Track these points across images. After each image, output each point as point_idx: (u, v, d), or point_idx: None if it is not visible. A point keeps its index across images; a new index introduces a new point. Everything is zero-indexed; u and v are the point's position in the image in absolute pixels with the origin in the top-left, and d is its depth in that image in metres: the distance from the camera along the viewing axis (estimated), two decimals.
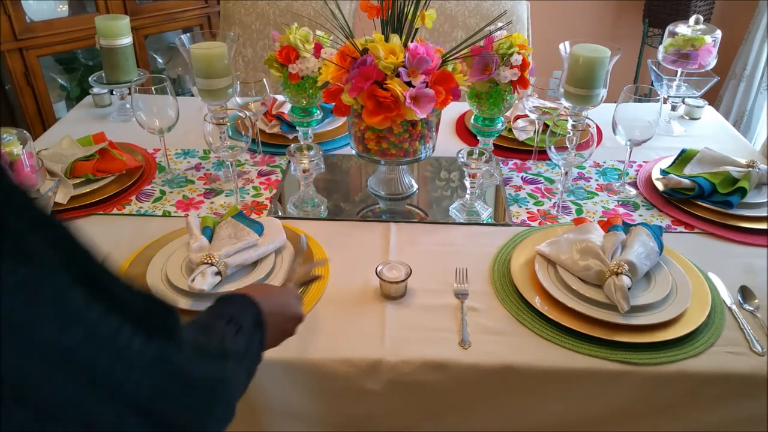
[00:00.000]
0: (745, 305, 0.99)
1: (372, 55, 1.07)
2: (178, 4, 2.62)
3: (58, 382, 0.32)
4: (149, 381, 0.39)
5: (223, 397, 0.49)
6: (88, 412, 0.34)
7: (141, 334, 0.39)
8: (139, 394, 0.38)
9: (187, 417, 0.43)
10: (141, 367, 0.38)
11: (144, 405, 0.39)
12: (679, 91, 1.63)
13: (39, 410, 0.32)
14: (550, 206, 1.27)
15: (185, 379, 0.43)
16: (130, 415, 0.37)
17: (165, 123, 1.28)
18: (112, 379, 0.36)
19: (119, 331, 0.37)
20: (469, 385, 0.89)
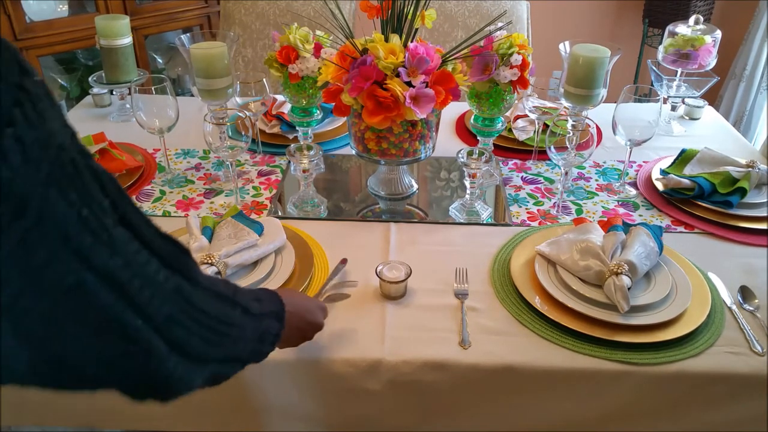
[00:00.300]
0: (745, 305, 0.99)
1: (372, 55, 1.07)
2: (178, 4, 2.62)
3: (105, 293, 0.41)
4: (167, 308, 0.47)
5: (226, 337, 0.55)
6: (120, 319, 0.43)
7: (165, 270, 0.48)
8: (159, 316, 0.46)
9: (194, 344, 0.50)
10: (163, 294, 0.47)
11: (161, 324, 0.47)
12: (679, 91, 1.63)
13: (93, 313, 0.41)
14: (550, 206, 1.27)
15: (196, 310, 0.51)
16: (150, 329, 0.45)
17: (165, 123, 1.28)
18: (140, 299, 0.44)
19: (149, 263, 0.46)
20: (469, 385, 0.89)
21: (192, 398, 0.92)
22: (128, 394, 0.49)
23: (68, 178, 0.38)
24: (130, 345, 0.44)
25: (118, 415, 0.96)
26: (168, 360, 0.47)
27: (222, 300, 0.56)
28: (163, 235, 0.50)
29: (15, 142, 0.34)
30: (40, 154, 0.36)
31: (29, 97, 0.36)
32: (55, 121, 0.38)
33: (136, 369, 0.46)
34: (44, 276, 0.37)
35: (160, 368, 0.47)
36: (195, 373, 0.52)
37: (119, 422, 0.98)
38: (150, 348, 0.45)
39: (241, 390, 0.90)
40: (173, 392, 0.50)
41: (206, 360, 0.53)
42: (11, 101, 0.35)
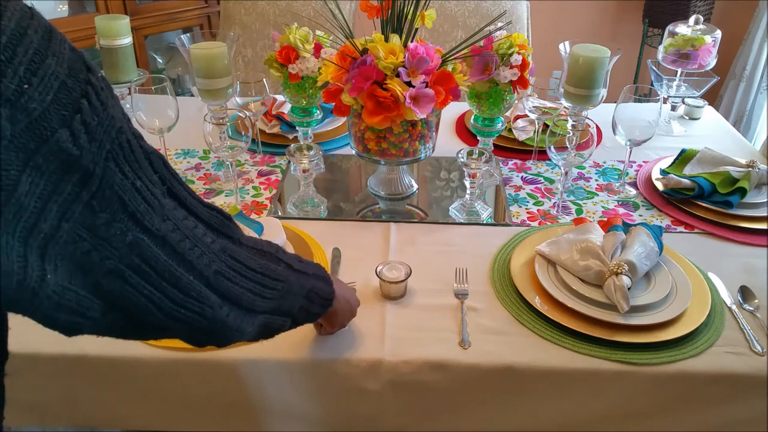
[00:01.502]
0: (745, 305, 0.99)
1: (372, 55, 1.07)
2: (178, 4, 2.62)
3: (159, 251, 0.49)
4: (215, 265, 0.54)
5: (275, 291, 0.63)
6: (175, 273, 0.50)
7: (211, 233, 0.55)
8: (208, 271, 0.53)
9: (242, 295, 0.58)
10: (211, 253, 0.54)
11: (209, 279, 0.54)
12: (679, 91, 1.63)
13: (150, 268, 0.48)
14: (550, 206, 1.27)
15: (242, 266, 0.58)
16: (202, 284, 0.53)
17: (165, 123, 1.28)
18: (190, 257, 0.51)
19: (196, 227, 0.53)
20: (469, 385, 0.89)
21: (192, 398, 0.93)
22: (188, 340, 0.56)
23: (124, 154, 0.45)
24: (186, 295, 0.51)
25: (118, 415, 0.96)
26: (221, 308, 0.55)
27: (265, 256, 0.64)
28: (207, 204, 0.57)
29: (82, 125, 0.41)
30: (103, 135, 0.43)
31: (93, 89, 0.43)
32: (115, 108, 0.45)
33: (193, 316, 0.53)
34: (108, 234, 0.44)
35: (215, 316, 0.54)
36: (246, 321, 0.59)
37: (119, 422, 0.98)
38: (201, 297, 0.53)
39: (241, 390, 0.90)
40: (227, 338, 0.58)
41: (255, 310, 0.60)
42: (79, 93, 0.42)
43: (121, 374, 0.90)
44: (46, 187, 0.40)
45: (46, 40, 0.41)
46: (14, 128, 0.38)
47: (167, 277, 0.50)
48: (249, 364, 0.88)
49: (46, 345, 0.88)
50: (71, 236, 0.42)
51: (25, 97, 0.38)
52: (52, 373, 0.90)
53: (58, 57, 0.41)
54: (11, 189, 0.38)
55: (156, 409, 0.95)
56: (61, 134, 0.40)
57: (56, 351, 0.88)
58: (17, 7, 0.40)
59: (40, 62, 0.40)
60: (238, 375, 0.89)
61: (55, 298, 0.43)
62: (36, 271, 0.41)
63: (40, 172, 0.39)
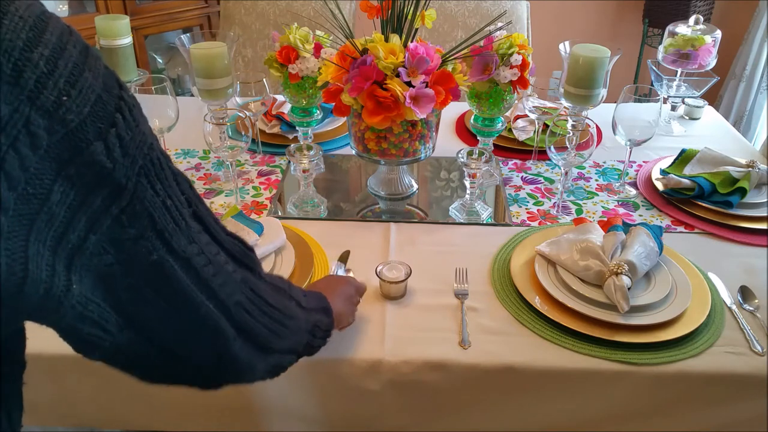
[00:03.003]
0: (745, 305, 0.99)
1: (372, 55, 1.07)
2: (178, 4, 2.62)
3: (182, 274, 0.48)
4: (237, 295, 0.53)
5: (286, 325, 0.62)
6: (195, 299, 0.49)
7: (233, 262, 0.54)
8: (229, 301, 0.52)
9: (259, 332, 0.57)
10: (233, 282, 0.53)
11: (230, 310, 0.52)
12: (679, 91, 1.63)
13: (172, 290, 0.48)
14: (550, 206, 1.27)
15: (260, 300, 0.57)
16: (222, 314, 0.51)
17: (165, 123, 1.28)
18: (213, 284, 0.50)
19: (219, 254, 0.52)
20: (469, 385, 0.89)
21: (192, 398, 0.93)
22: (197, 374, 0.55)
23: (155, 171, 0.46)
24: (202, 324, 0.50)
25: (118, 415, 0.96)
26: (234, 342, 0.54)
27: (280, 293, 0.64)
28: (229, 233, 0.56)
29: (116, 139, 0.42)
30: (135, 151, 0.43)
31: (126, 105, 0.43)
32: (145, 125, 0.46)
33: (206, 347, 0.52)
34: (134, 250, 0.44)
35: (227, 349, 0.53)
36: (259, 360, 0.58)
37: (119, 422, 0.98)
38: (218, 328, 0.52)
39: (241, 390, 0.90)
40: (239, 375, 0.57)
41: (270, 349, 0.59)
42: (114, 108, 0.42)
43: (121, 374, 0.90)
44: (77, 197, 0.40)
45: (84, 56, 0.42)
46: (51, 138, 0.38)
47: (186, 302, 0.49)
48: None
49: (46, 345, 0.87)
50: (97, 248, 0.43)
51: (63, 108, 0.39)
52: (52, 373, 0.90)
53: (94, 72, 0.42)
54: (44, 198, 0.39)
55: (156, 410, 0.95)
56: (96, 146, 0.41)
57: (56, 351, 0.88)
58: (58, 23, 0.41)
59: (79, 75, 0.40)
60: None
61: (79, 308, 0.43)
62: (62, 280, 0.41)
63: (72, 182, 0.40)
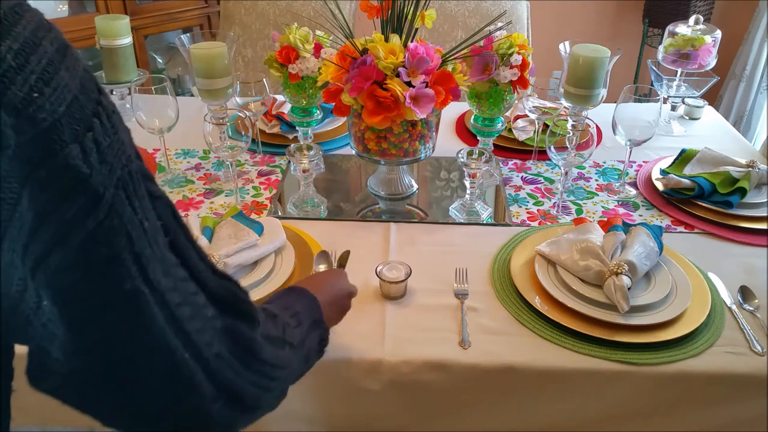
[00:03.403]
0: (745, 305, 0.99)
1: (372, 55, 1.07)
2: (178, 4, 2.62)
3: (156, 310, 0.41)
4: (219, 345, 0.46)
5: (279, 380, 0.55)
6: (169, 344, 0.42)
7: (214, 307, 0.47)
8: (207, 352, 0.45)
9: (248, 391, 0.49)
10: (213, 330, 0.46)
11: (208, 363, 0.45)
12: (679, 91, 1.63)
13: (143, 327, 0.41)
14: (550, 206, 1.27)
15: (251, 355, 0.50)
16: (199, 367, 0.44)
17: (165, 123, 1.28)
18: (189, 328, 0.43)
19: (197, 294, 0.46)
20: (469, 385, 0.89)
21: None
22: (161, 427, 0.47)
23: (134, 186, 0.41)
24: (175, 374, 0.43)
25: None
26: (213, 403, 0.46)
27: (275, 343, 0.56)
28: (219, 272, 0.49)
29: (93, 144, 0.38)
30: (113, 159, 0.40)
31: (105, 111, 0.40)
32: (125, 135, 0.42)
33: (176, 401, 0.45)
34: (106, 273, 0.40)
35: (201, 408, 0.46)
36: (241, 420, 0.51)
37: None
38: (193, 384, 0.44)
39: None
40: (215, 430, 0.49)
41: (259, 407, 0.53)
42: (91, 111, 0.39)
43: None
44: (48, 205, 0.37)
45: (62, 55, 0.39)
46: (19, 138, 0.35)
47: (159, 344, 0.42)
48: None
49: None
50: (64, 264, 0.38)
51: (34, 106, 0.36)
52: None
53: (72, 72, 0.39)
54: (14, 203, 0.35)
55: None
56: (71, 149, 0.37)
57: None
58: (35, 17, 0.39)
59: (54, 73, 0.37)
60: None
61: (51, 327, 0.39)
62: (33, 296, 0.38)
63: (43, 187, 0.36)
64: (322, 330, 0.71)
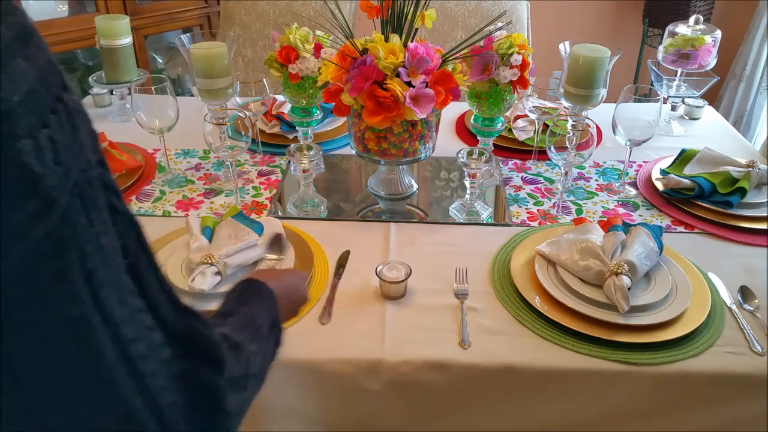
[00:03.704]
0: (745, 305, 0.99)
1: (372, 55, 1.07)
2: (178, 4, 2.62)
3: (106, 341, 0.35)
4: (173, 393, 0.40)
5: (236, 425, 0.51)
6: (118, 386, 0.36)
7: (171, 347, 0.41)
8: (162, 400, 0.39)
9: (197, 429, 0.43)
10: (169, 376, 0.40)
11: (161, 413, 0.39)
12: (679, 91, 1.63)
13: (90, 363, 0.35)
14: (550, 206, 1.27)
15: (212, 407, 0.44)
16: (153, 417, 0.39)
17: (165, 123, 1.28)
18: (143, 369, 0.38)
19: (153, 330, 0.40)
20: (469, 385, 0.89)
21: None
22: None
23: (92, 197, 0.37)
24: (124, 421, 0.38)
25: None
26: None
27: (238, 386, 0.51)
28: (181, 306, 0.44)
29: (48, 141, 0.34)
30: (70, 161, 0.35)
31: (66, 108, 0.37)
32: (89, 138, 0.39)
33: None
34: (50, 293, 0.34)
35: None
36: None
37: None
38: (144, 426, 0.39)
39: None
40: None
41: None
42: (49, 106, 0.35)
43: None
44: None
45: (21, 42, 0.35)
46: None
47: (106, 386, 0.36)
48: None
49: None
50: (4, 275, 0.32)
51: None
52: None
53: (32, 62, 0.35)
54: None
55: None
56: (24, 144, 0.33)
57: None
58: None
59: (8, 60, 0.33)
60: None
61: None
62: None
63: None
64: (278, 331, 0.65)
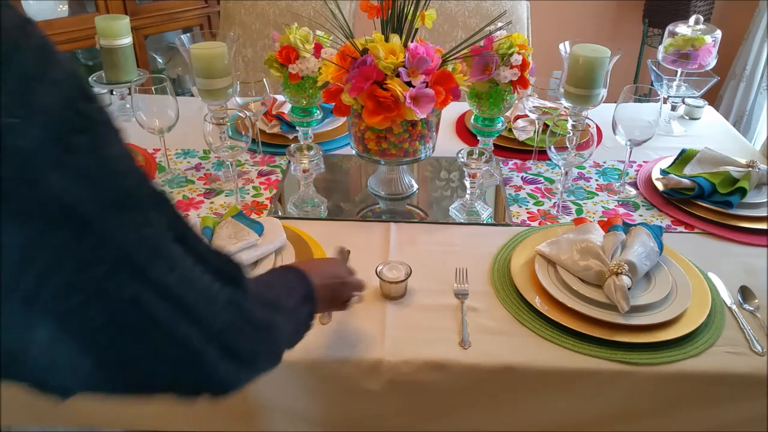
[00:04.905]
0: (745, 305, 0.99)
1: (372, 55, 1.07)
2: (178, 4, 2.62)
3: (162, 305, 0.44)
4: (221, 318, 0.50)
5: (273, 340, 0.60)
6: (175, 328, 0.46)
7: (218, 282, 0.51)
8: (212, 325, 0.49)
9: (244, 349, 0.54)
10: (217, 306, 0.50)
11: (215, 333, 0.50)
12: (679, 91, 1.63)
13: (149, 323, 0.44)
14: (550, 206, 1.27)
15: (248, 319, 0.54)
16: (203, 339, 0.48)
17: (165, 123, 1.28)
18: (196, 311, 0.47)
19: (203, 277, 0.49)
20: (469, 385, 0.89)
21: None
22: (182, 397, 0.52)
23: (132, 201, 0.41)
24: (185, 352, 0.47)
25: (118, 415, 0.96)
26: (219, 366, 0.50)
27: (268, 307, 0.61)
28: (214, 251, 0.53)
29: (75, 168, 0.36)
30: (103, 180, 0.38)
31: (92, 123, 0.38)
32: (118, 144, 0.41)
33: (188, 376, 0.49)
34: (104, 287, 0.40)
35: (211, 375, 0.50)
36: (243, 375, 0.56)
37: (119, 422, 0.98)
38: (202, 357, 0.48)
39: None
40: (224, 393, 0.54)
41: (254, 362, 0.57)
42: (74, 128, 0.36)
43: None
44: (31, 238, 0.35)
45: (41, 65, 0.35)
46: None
47: (168, 335, 0.45)
48: None
49: None
50: (60, 291, 0.38)
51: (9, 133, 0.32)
52: None
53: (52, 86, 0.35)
54: None
55: (156, 409, 0.95)
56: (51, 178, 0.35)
57: None
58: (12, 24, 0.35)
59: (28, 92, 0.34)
60: None
61: (44, 360, 0.39)
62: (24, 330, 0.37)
63: (21, 222, 0.35)
64: (312, 305, 0.73)
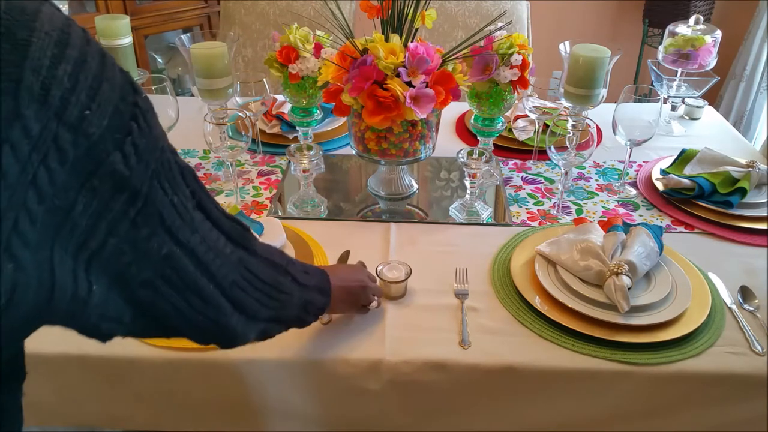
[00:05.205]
0: (745, 305, 0.99)
1: (372, 55, 1.07)
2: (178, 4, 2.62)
3: (188, 262, 0.52)
4: (232, 275, 0.58)
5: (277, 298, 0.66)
6: (199, 283, 0.54)
7: (230, 244, 0.58)
8: (225, 282, 0.57)
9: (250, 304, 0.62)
10: (229, 264, 0.58)
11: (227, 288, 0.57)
12: (679, 91, 1.63)
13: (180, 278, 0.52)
14: (550, 206, 1.27)
15: (254, 278, 0.62)
16: (219, 292, 0.56)
17: (165, 123, 1.28)
18: (212, 268, 0.55)
19: (218, 239, 0.57)
20: (469, 385, 0.89)
21: (192, 398, 0.93)
22: (197, 340, 0.60)
23: (165, 172, 0.48)
24: (205, 304, 0.55)
25: (118, 415, 0.96)
26: (232, 316, 0.59)
27: (276, 269, 0.68)
28: (228, 216, 0.60)
29: (132, 147, 0.44)
30: (149, 156, 0.46)
31: (141, 111, 0.45)
32: (157, 128, 0.48)
33: (208, 322, 0.57)
34: (146, 247, 0.48)
35: (227, 323, 0.59)
36: (250, 329, 0.63)
37: (119, 422, 0.98)
38: (219, 306, 0.57)
39: (241, 390, 0.90)
40: (234, 343, 0.63)
41: (259, 318, 0.64)
42: (129, 116, 0.44)
43: (121, 374, 0.90)
44: (98, 206, 0.43)
45: (102, 66, 0.43)
46: (76, 152, 0.40)
47: (193, 287, 0.53)
48: (249, 364, 0.88)
49: (46, 345, 0.88)
50: (115, 250, 0.45)
51: (86, 122, 0.40)
52: (52, 373, 0.90)
53: (111, 82, 0.43)
54: (68, 209, 0.41)
55: (156, 409, 0.95)
56: (114, 156, 0.43)
57: (56, 351, 0.88)
58: (78, 34, 0.42)
59: (98, 88, 0.42)
60: (238, 375, 0.89)
61: (100, 308, 0.47)
62: (85, 284, 0.44)
63: (94, 192, 0.42)
64: (326, 299, 0.78)
